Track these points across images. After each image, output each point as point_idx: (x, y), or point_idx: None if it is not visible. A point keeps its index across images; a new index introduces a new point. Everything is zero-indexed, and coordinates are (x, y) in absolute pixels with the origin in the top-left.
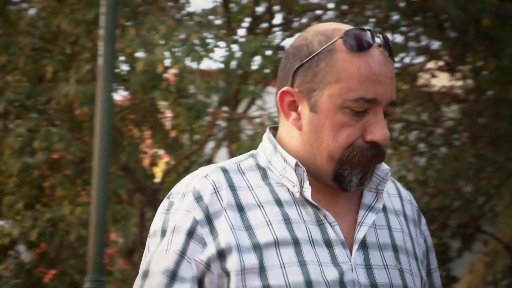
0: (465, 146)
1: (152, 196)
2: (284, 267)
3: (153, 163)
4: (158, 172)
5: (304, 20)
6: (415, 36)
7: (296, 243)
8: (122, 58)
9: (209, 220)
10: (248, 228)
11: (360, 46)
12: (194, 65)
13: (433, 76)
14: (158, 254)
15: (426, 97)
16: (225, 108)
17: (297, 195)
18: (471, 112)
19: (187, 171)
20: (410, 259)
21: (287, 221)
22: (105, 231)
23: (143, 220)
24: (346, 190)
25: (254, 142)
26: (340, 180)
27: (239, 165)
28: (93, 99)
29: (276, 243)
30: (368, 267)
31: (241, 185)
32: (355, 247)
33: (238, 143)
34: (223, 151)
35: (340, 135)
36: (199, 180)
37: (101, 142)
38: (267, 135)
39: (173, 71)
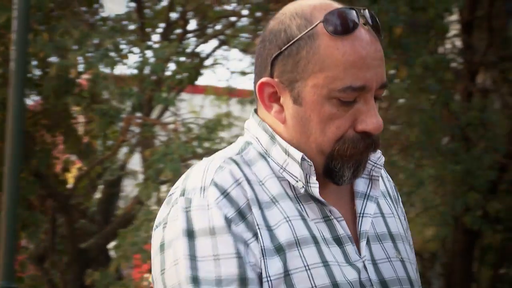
0: None
1: (64, 202)
2: (309, 269)
3: (66, 169)
4: (70, 178)
5: (218, 27)
6: None
7: (316, 242)
8: (34, 62)
9: (242, 215)
10: (269, 229)
11: (344, 29)
12: (107, 70)
13: None
14: (206, 260)
15: None
16: (138, 114)
17: (302, 190)
18: (383, 120)
19: (99, 177)
20: (405, 245)
21: (302, 217)
22: (16, 238)
23: (55, 226)
24: (338, 184)
25: (167, 148)
26: (332, 175)
27: (243, 156)
28: (5, 104)
29: (297, 243)
30: (374, 262)
31: (253, 179)
32: (363, 242)
33: (151, 149)
34: (136, 157)
35: (329, 128)
36: (215, 172)
37: (12, 148)
38: (258, 123)
39: (86, 76)
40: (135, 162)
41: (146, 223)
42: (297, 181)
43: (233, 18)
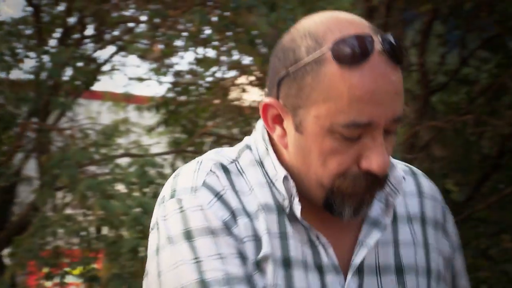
0: None
1: None
2: None
3: None
4: None
5: (116, 33)
6: (227, 51)
7: (287, 264)
8: None
9: (235, 218)
10: (253, 239)
11: (353, 59)
12: (3, 75)
13: (244, 90)
14: (210, 260)
15: (237, 111)
16: (34, 119)
17: (287, 210)
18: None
19: None
20: (419, 278)
21: (282, 235)
22: None
23: None
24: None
25: (64, 154)
26: (331, 210)
27: (238, 163)
28: None
29: (269, 259)
30: None
31: (243, 189)
32: (350, 274)
33: (47, 155)
34: (32, 163)
35: (330, 163)
36: (206, 174)
37: None
38: (261, 130)
39: None
40: (31, 168)
41: (41, 229)
42: (283, 199)
43: (131, 24)
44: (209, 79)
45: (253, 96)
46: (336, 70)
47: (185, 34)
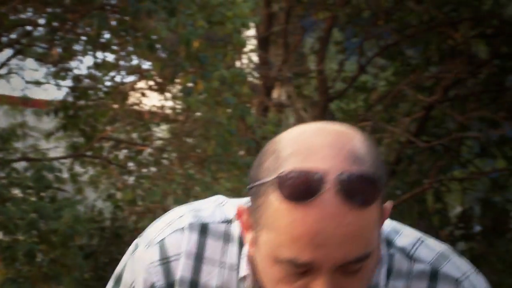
0: (173, 165)
1: None
2: None
3: None
4: None
5: (13, 36)
6: (126, 55)
7: None
8: None
9: None
10: None
11: (296, 196)
12: None
13: (144, 95)
14: None
15: (136, 116)
16: None
17: None
18: (180, 132)
19: None
20: None
21: None
22: None
23: None
24: None
25: None
26: None
27: (228, 228)
28: None
29: None
30: None
31: (214, 257)
32: None
33: None
34: None
35: None
36: (173, 232)
37: None
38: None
39: None
40: None
41: None
42: None
43: (29, 27)
44: (108, 83)
45: (153, 101)
46: (281, 203)
47: (84, 38)
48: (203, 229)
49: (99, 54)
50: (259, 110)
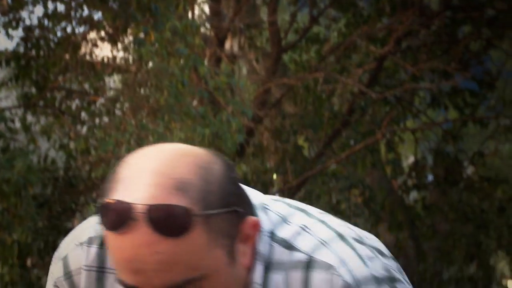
0: (126, 116)
1: None
2: None
3: None
4: None
5: None
6: (77, 6)
7: None
8: None
9: None
10: None
11: (111, 226)
12: None
13: (96, 46)
14: None
15: (88, 66)
16: None
17: None
18: (132, 83)
19: None
20: None
21: None
22: None
23: None
24: None
25: None
26: None
27: None
28: None
29: None
30: None
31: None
32: None
33: None
34: None
35: None
36: (75, 247)
37: None
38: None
39: None
40: None
41: None
42: None
43: None
44: (60, 34)
45: (105, 51)
46: (105, 229)
47: None
48: (103, 242)
49: (50, 4)
50: (211, 61)
